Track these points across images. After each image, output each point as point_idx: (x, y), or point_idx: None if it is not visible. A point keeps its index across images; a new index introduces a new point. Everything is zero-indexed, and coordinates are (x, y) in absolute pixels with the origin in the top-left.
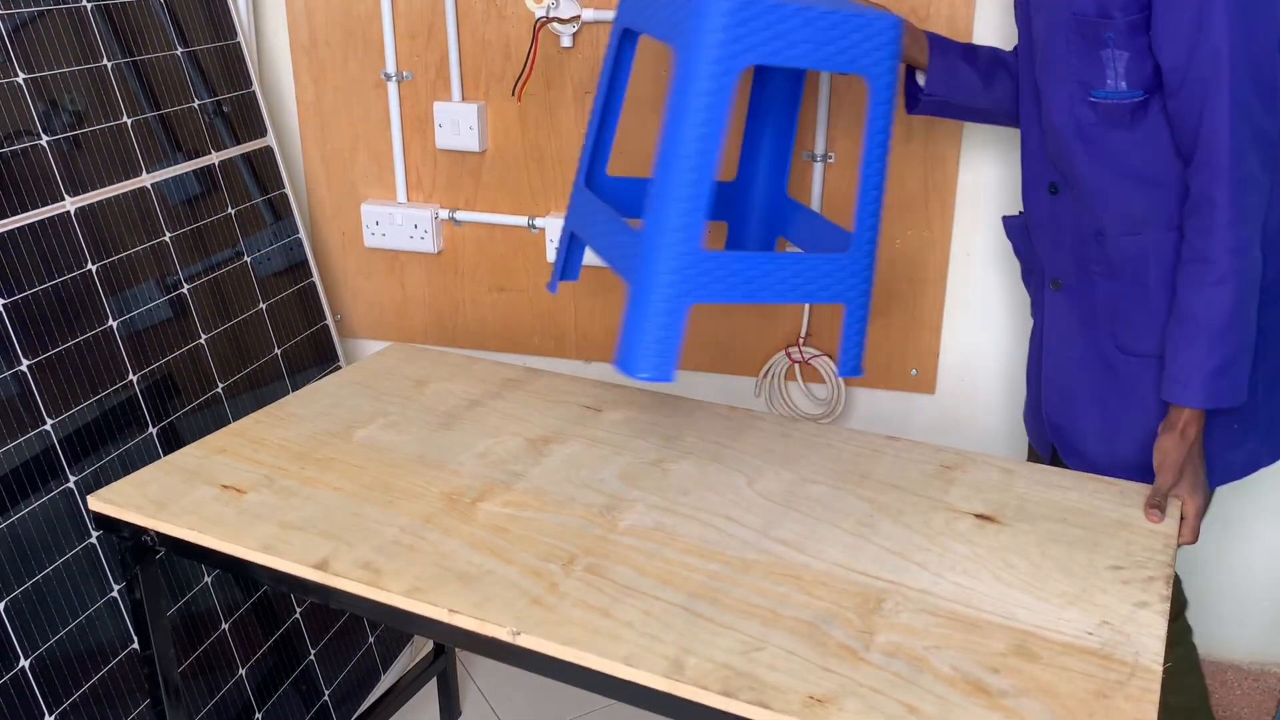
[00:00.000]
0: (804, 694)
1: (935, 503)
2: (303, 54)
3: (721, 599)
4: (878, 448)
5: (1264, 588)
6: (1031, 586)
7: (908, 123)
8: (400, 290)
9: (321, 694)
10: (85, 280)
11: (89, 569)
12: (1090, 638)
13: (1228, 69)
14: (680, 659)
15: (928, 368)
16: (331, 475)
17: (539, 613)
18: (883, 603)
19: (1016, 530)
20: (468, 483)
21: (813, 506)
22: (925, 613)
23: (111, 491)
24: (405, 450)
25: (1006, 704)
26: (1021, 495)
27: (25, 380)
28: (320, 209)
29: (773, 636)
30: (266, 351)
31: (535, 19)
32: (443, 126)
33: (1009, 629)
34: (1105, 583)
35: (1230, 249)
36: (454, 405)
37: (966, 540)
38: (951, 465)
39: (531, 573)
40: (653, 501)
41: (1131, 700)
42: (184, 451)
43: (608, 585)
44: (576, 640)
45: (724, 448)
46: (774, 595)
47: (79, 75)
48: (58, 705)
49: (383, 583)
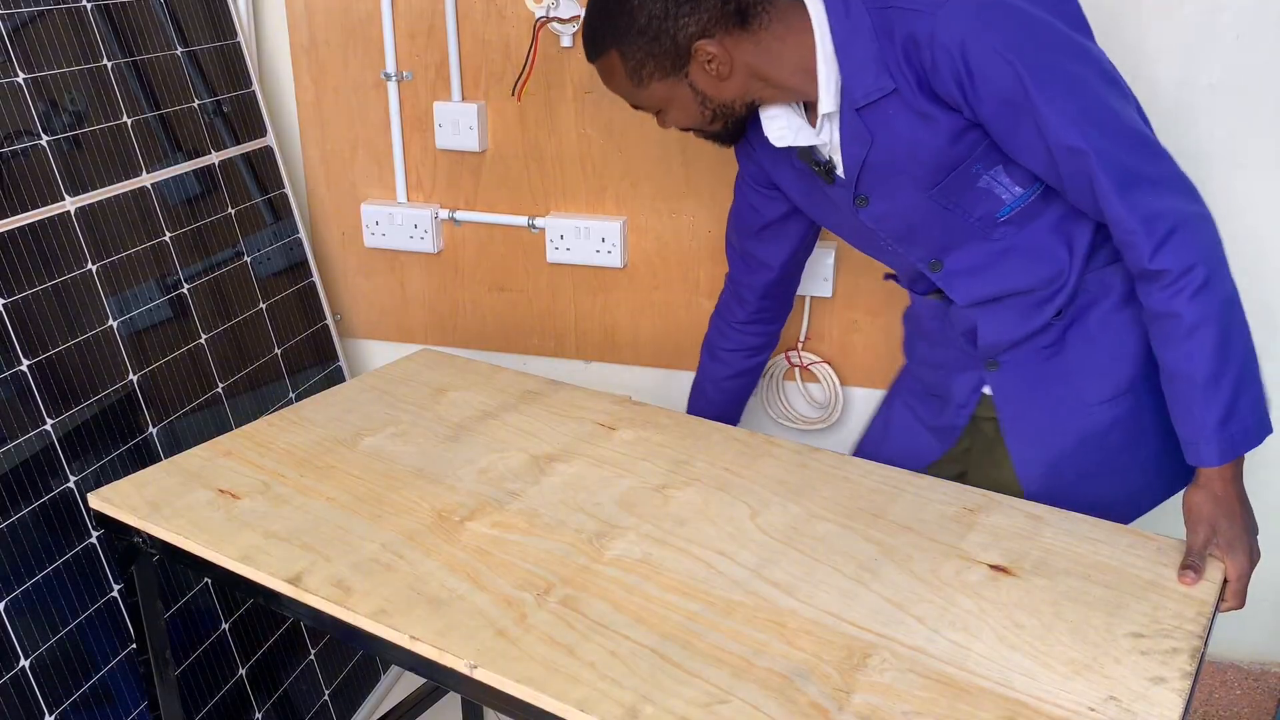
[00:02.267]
0: None
1: (949, 549)
2: (303, 54)
3: (695, 643)
4: (898, 484)
5: (1264, 588)
6: (1037, 651)
7: None
8: (400, 290)
9: (321, 694)
10: (85, 280)
11: (89, 569)
12: (1092, 714)
13: (1091, 155)
14: (637, 707)
15: None
16: (328, 484)
17: (501, 645)
18: (868, 658)
19: (1031, 585)
20: (461, 500)
21: (815, 546)
22: (913, 673)
23: (111, 490)
24: (407, 461)
25: None
26: (1045, 546)
27: (25, 380)
28: (320, 209)
29: (740, 689)
30: (266, 351)
31: (535, 19)
32: (443, 126)
33: (1001, 698)
34: (1121, 652)
35: (1190, 297)
36: (466, 416)
37: (975, 594)
38: (974, 508)
39: (503, 601)
40: (646, 530)
41: None
42: (191, 453)
43: (578, 620)
44: (533, 679)
45: (734, 475)
46: (752, 642)
47: (79, 75)
48: (58, 705)
49: (350, 602)
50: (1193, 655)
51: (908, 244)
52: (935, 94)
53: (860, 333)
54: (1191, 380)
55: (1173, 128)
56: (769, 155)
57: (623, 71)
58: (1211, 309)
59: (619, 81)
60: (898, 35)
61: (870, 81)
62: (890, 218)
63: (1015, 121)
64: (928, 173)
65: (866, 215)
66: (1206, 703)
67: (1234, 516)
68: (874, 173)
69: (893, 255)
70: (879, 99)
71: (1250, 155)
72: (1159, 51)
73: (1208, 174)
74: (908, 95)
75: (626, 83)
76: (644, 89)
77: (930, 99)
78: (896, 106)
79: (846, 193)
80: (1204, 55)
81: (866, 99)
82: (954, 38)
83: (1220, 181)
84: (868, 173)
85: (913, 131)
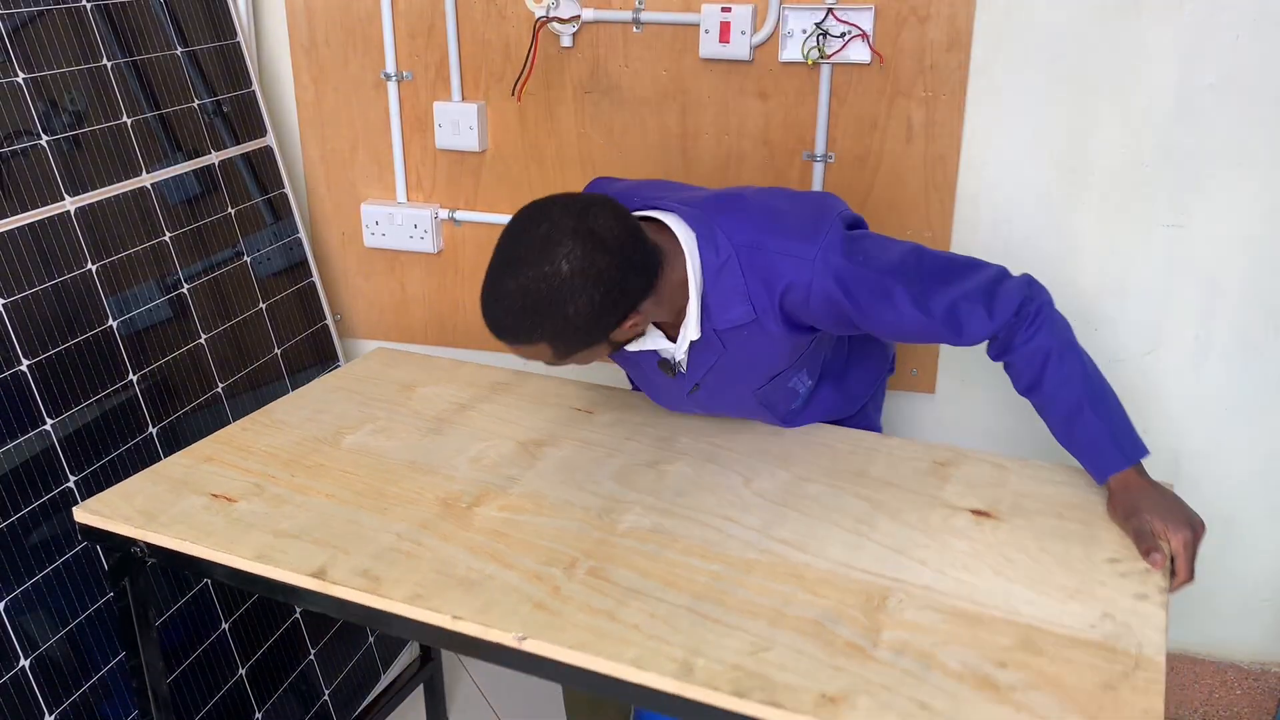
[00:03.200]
0: (816, 692)
1: (932, 500)
2: (303, 54)
3: (726, 599)
4: (871, 446)
5: (1264, 588)
6: (1032, 581)
7: (908, 123)
8: (400, 290)
9: (321, 694)
10: (85, 280)
11: (89, 569)
12: (1093, 630)
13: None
14: (689, 660)
15: (928, 368)
16: (323, 482)
17: (544, 617)
18: (886, 600)
19: (1014, 526)
20: (462, 488)
21: (811, 505)
22: (930, 609)
23: (98, 503)
24: (396, 456)
25: (1016, 698)
26: (1016, 491)
27: (25, 380)
28: (320, 209)
29: (780, 636)
30: (266, 351)
31: (535, 19)
32: (443, 126)
33: (1013, 624)
34: (1104, 576)
35: (1043, 324)
36: (443, 409)
37: (965, 536)
38: (945, 462)
39: (534, 577)
40: (650, 503)
41: (1138, 692)
42: (170, 460)
43: (611, 588)
44: (584, 644)
45: (718, 448)
46: (778, 595)
47: (79, 75)
48: (58, 705)
49: (383, 590)
50: (1164, 573)
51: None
52: (794, 322)
53: None
54: (1079, 405)
55: (1173, 128)
56: None
57: (550, 353)
58: (1062, 331)
59: (541, 355)
60: (771, 277)
61: (734, 313)
62: (714, 404)
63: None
64: (759, 378)
65: (695, 399)
66: (1206, 702)
67: (1158, 497)
68: (714, 374)
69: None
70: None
71: (1250, 155)
72: (1159, 51)
73: (1208, 174)
74: (765, 322)
75: (550, 357)
76: (565, 359)
77: (787, 325)
78: (752, 330)
79: (684, 384)
80: (1204, 55)
81: (727, 325)
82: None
83: (1220, 181)
84: (709, 374)
85: (760, 350)
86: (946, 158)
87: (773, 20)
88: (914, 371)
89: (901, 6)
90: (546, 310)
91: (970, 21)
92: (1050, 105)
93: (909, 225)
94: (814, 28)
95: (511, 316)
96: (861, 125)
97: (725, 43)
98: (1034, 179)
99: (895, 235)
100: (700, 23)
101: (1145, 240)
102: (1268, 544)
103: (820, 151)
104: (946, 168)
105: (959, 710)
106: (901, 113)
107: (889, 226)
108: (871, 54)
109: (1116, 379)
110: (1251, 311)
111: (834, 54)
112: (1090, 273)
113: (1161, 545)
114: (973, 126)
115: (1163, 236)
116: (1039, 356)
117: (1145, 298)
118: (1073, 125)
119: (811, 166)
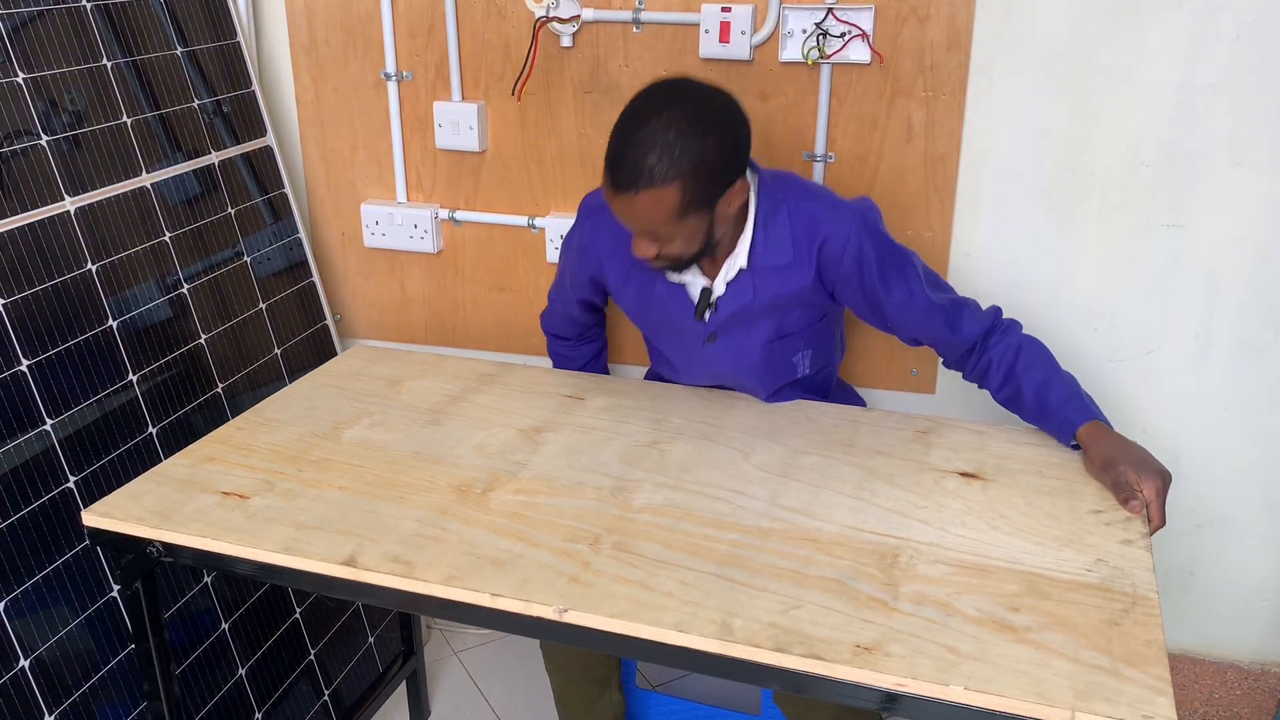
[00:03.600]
0: (850, 644)
1: (920, 465)
2: (303, 54)
3: (748, 565)
4: (854, 418)
5: (1264, 588)
6: (1026, 534)
7: (908, 123)
8: (400, 290)
9: (321, 694)
10: (85, 280)
11: (88, 569)
12: (1090, 574)
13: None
14: (727, 621)
15: (928, 368)
16: (332, 476)
17: (580, 590)
18: (898, 558)
19: (1000, 485)
20: (472, 475)
21: (811, 475)
22: (939, 563)
23: (107, 506)
24: (399, 447)
25: (1033, 638)
26: (997, 453)
27: (25, 380)
28: (320, 209)
29: (807, 595)
30: (266, 351)
31: (535, 19)
32: (443, 126)
33: (1018, 572)
34: (1090, 525)
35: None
36: (436, 401)
37: (957, 496)
38: (926, 430)
39: (562, 554)
40: (659, 481)
41: (1140, 625)
42: (171, 461)
43: (639, 560)
44: (625, 612)
45: (712, 427)
46: (797, 558)
47: (79, 75)
48: (58, 705)
49: (417, 573)
50: (1143, 520)
51: (719, 378)
52: (823, 276)
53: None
54: (1049, 378)
55: (1173, 128)
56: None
57: (675, 204)
58: (1029, 336)
59: (662, 212)
60: (814, 229)
61: (776, 256)
62: (722, 360)
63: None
64: (773, 329)
65: (708, 352)
66: (1207, 703)
67: (1127, 448)
68: (734, 322)
69: (702, 375)
70: (775, 266)
71: (1250, 155)
72: (1159, 51)
73: (1208, 174)
74: (800, 268)
75: (670, 213)
76: (682, 220)
77: (817, 278)
78: (785, 276)
79: (702, 331)
80: (1204, 55)
81: (766, 265)
82: (865, 245)
83: (1220, 181)
84: (730, 320)
85: (786, 296)
86: (946, 158)
87: (773, 20)
88: (914, 371)
89: (901, 6)
90: (689, 143)
91: (970, 21)
92: (1050, 105)
93: (909, 225)
94: (814, 28)
95: (653, 153)
96: (861, 125)
97: (725, 43)
98: (1034, 179)
99: (895, 235)
100: (700, 23)
101: (1145, 240)
102: (1268, 544)
103: (820, 151)
104: (946, 168)
105: (985, 651)
106: (901, 113)
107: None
108: (871, 54)
109: (1116, 379)
110: (1251, 311)
111: (834, 54)
112: (1090, 272)
113: (1137, 494)
114: (973, 126)
115: (1163, 236)
116: (1013, 348)
117: (1145, 298)
118: (1073, 125)
119: (811, 166)
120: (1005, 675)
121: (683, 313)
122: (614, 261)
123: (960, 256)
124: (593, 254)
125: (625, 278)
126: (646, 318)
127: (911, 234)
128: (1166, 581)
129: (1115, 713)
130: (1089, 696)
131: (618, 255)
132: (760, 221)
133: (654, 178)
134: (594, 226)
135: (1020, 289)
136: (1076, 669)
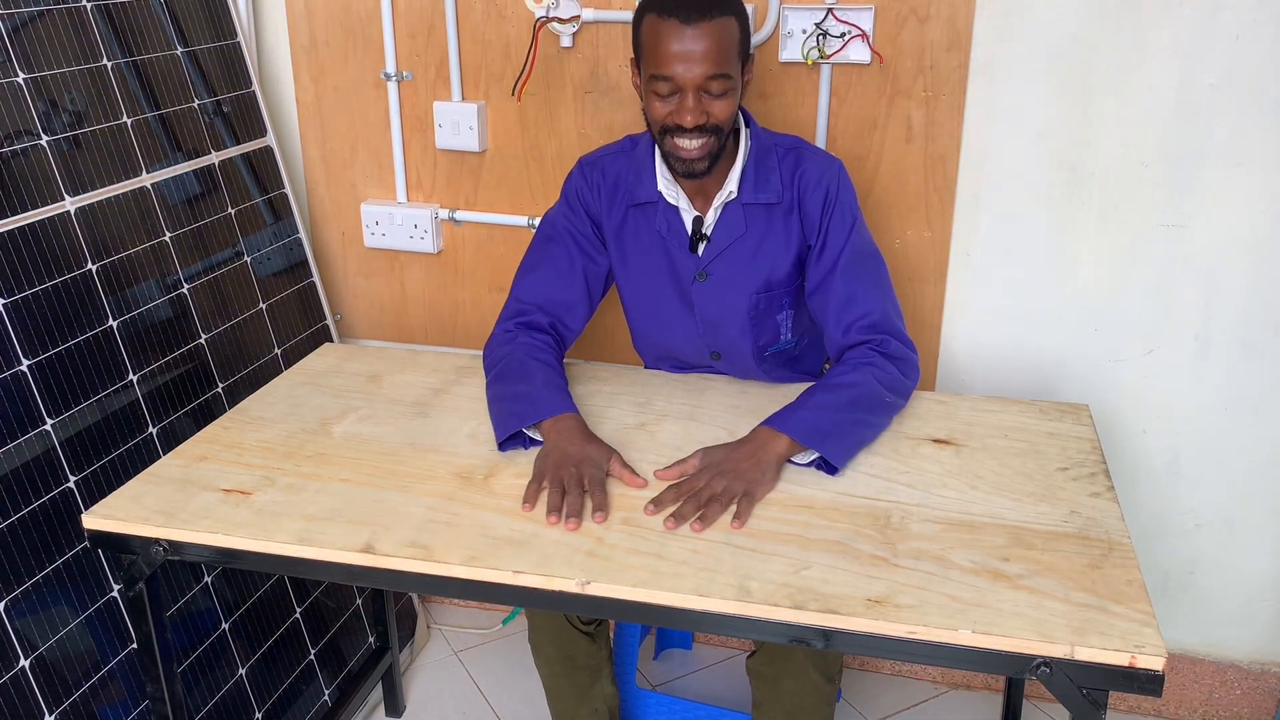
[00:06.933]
0: (861, 598)
1: (894, 434)
2: (303, 54)
3: (753, 533)
4: None
5: (1264, 588)
6: (1003, 491)
7: (908, 123)
8: (400, 290)
9: (321, 694)
10: (85, 280)
11: (89, 569)
12: (1067, 525)
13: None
14: (744, 584)
15: (928, 368)
16: (331, 469)
17: (598, 564)
18: (890, 519)
19: (971, 449)
20: (471, 462)
21: None
22: (929, 522)
23: (107, 508)
24: (392, 439)
25: (1026, 584)
26: (964, 420)
27: (25, 380)
28: (320, 209)
29: (813, 557)
30: (266, 351)
31: (535, 19)
32: (443, 126)
33: (1001, 526)
34: (1060, 481)
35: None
36: (419, 394)
37: (934, 461)
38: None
39: (574, 532)
40: (653, 460)
41: (1119, 567)
42: (163, 462)
43: (648, 533)
44: (645, 581)
45: (693, 408)
46: (797, 524)
47: (79, 75)
48: (58, 705)
49: (437, 556)
50: (1106, 474)
51: (708, 328)
52: (800, 219)
53: None
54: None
55: (1173, 128)
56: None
57: (736, 36)
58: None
59: (728, 41)
60: (797, 168)
61: (765, 191)
62: (711, 304)
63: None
64: (760, 279)
65: (698, 289)
66: (1206, 702)
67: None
68: (725, 260)
69: (684, 339)
70: (764, 204)
71: (1250, 155)
72: (1159, 51)
73: (1208, 174)
74: (785, 212)
75: (735, 47)
76: (738, 62)
77: (799, 221)
78: (773, 216)
79: (694, 266)
80: (1204, 55)
81: (755, 200)
82: (834, 185)
83: (1220, 181)
84: (720, 259)
85: (772, 240)
86: (946, 158)
87: (773, 20)
88: None
89: (901, 6)
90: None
91: (970, 21)
92: (1050, 105)
93: (909, 225)
94: (814, 28)
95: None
96: (861, 125)
97: None
98: (1034, 179)
99: (895, 235)
100: None
101: (1145, 240)
102: (1268, 544)
103: None
104: (946, 168)
105: (984, 598)
106: (901, 113)
107: (889, 226)
108: (871, 54)
109: (1116, 379)
110: (1251, 311)
111: (834, 54)
112: (1090, 272)
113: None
114: (973, 126)
115: (1163, 236)
116: (862, 370)
117: (1145, 298)
118: (1073, 125)
119: None
120: (1007, 618)
121: (678, 247)
122: (613, 210)
123: (960, 256)
124: (590, 197)
125: (622, 219)
126: (640, 263)
127: (911, 234)
128: (1166, 581)
129: (1110, 644)
130: (1085, 632)
131: (616, 203)
132: (753, 157)
133: (724, 5)
134: (593, 172)
135: (1020, 289)
136: (1069, 609)
